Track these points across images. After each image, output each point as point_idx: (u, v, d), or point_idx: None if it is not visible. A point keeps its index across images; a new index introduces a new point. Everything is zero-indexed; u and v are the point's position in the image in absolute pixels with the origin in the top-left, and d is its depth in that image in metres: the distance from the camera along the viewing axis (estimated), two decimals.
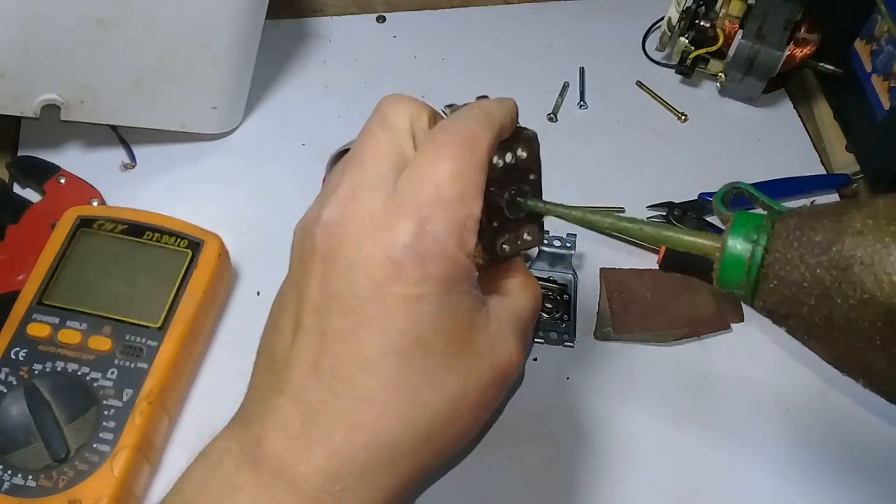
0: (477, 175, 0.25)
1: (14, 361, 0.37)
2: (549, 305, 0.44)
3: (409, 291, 0.23)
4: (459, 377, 0.24)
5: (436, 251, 0.23)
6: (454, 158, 0.24)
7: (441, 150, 0.24)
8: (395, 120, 0.26)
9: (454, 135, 0.25)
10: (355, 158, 0.25)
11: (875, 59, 0.50)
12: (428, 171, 0.24)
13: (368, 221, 0.23)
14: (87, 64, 0.43)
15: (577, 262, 0.46)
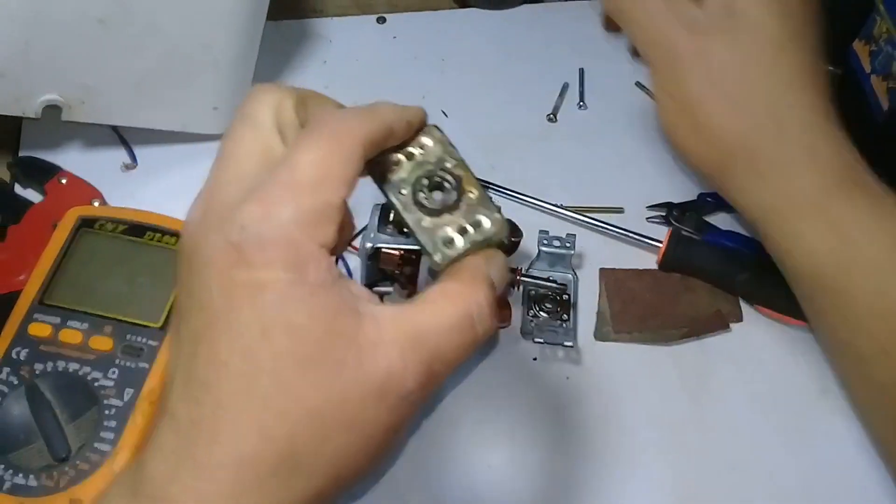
0: (341, 165, 0.23)
1: (15, 361, 0.37)
2: (548, 305, 0.44)
3: (250, 276, 0.21)
4: (318, 387, 0.21)
5: (278, 235, 0.22)
6: (316, 147, 0.23)
7: (304, 140, 0.23)
8: (256, 115, 0.24)
9: (322, 125, 0.24)
10: (218, 158, 0.24)
11: (874, 60, 0.50)
12: (287, 159, 0.23)
13: (221, 213, 0.22)
14: (89, 64, 0.43)
15: (577, 262, 0.46)
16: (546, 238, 0.44)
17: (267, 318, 0.21)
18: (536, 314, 0.43)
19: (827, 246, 0.33)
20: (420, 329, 0.23)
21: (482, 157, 0.51)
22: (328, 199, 0.23)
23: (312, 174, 0.23)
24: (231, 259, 0.22)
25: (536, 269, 0.45)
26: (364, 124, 0.25)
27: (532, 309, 0.44)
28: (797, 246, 0.34)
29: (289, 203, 0.22)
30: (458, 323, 0.23)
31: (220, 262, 0.22)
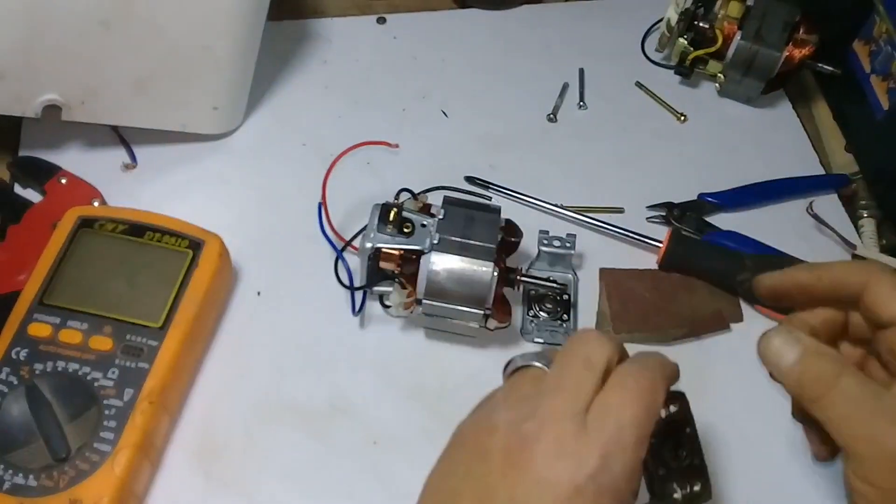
0: (650, 423, 0.27)
1: (15, 361, 0.37)
2: (548, 305, 0.44)
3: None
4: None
5: (611, 486, 0.26)
6: (636, 405, 0.27)
7: (627, 395, 0.27)
8: (598, 362, 0.28)
9: (639, 382, 0.28)
10: (558, 387, 0.28)
11: (874, 60, 0.50)
12: (614, 411, 0.27)
13: (560, 445, 0.26)
14: (89, 65, 0.43)
15: (577, 262, 0.46)
16: (546, 238, 0.44)
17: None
18: (536, 314, 0.43)
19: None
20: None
21: (482, 156, 0.51)
22: (641, 455, 0.27)
23: (635, 434, 0.27)
24: (571, 495, 0.26)
25: (536, 269, 0.45)
26: (662, 383, 0.29)
27: (532, 309, 0.44)
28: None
29: (620, 460, 0.26)
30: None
31: (562, 493, 0.26)
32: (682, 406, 0.31)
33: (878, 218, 0.50)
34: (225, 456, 0.39)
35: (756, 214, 0.50)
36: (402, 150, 0.51)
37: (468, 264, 0.39)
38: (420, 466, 0.39)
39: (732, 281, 0.44)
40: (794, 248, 0.47)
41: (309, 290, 0.44)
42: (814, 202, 0.49)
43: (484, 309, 0.39)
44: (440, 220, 0.40)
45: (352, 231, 0.45)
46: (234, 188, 0.49)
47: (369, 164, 0.50)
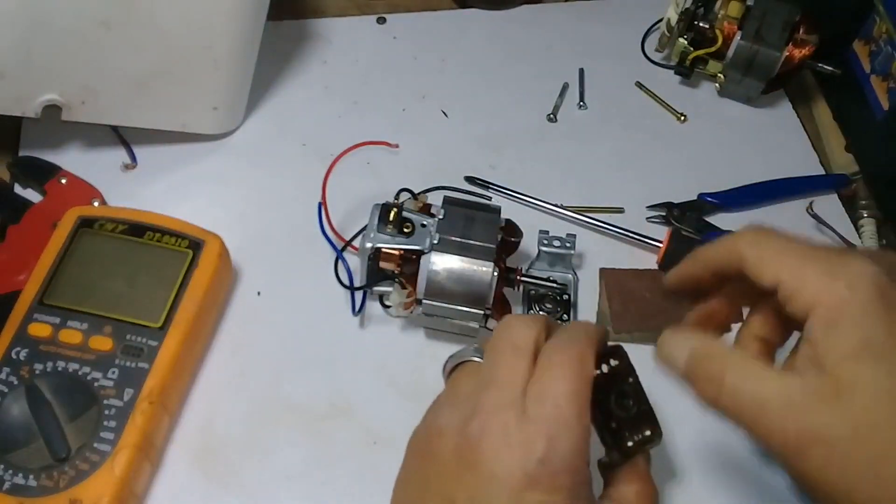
0: (587, 390, 0.27)
1: (15, 361, 0.37)
2: (548, 305, 0.44)
3: (541, 498, 0.26)
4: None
5: (563, 465, 0.26)
6: (568, 380, 0.27)
7: (557, 371, 0.27)
8: (525, 345, 0.28)
9: (566, 355, 0.28)
10: (492, 379, 0.28)
11: (874, 60, 0.50)
12: (549, 391, 0.27)
13: (505, 437, 0.26)
14: (89, 65, 0.43)
15: (577, 262, 0.46)
16: (546, 238, 0.44)
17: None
18: (536, 314, 0.43)
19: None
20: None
21: (482, 156, 0.51)
22: (586, 423, 0.27)
23: (574, 408, 0.27)
24: (524, 484, 0.26)
25: (536, 269, 0.45)
26: (590, 349, 0.29)
27: (532, 309, 0.44)
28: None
29: (566, 438, 0.26)
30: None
31: (515, 483, 0.26)
32: (621, 358, 0.31)
33: (879, 218, 0.50)
34: (225, 456, 0.39)
35: (756, 214, 0.50)
36: (402, 150, 0.51)
37: (468, 264, 0.39)
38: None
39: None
40: None
41: (309, 290, 0.44)
42: (814, 202, 0.49)
43: (484, 309, 0.39)
44: (440, 220, 0.40)
45: (352, 231, 0.45)
46: (234, 188, 0.49)
47: (369, 164, 0.50)
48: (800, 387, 0.25)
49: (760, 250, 0.27)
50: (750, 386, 0.26)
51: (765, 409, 0.26)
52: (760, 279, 0.27)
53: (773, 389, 0.26)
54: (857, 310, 0.25)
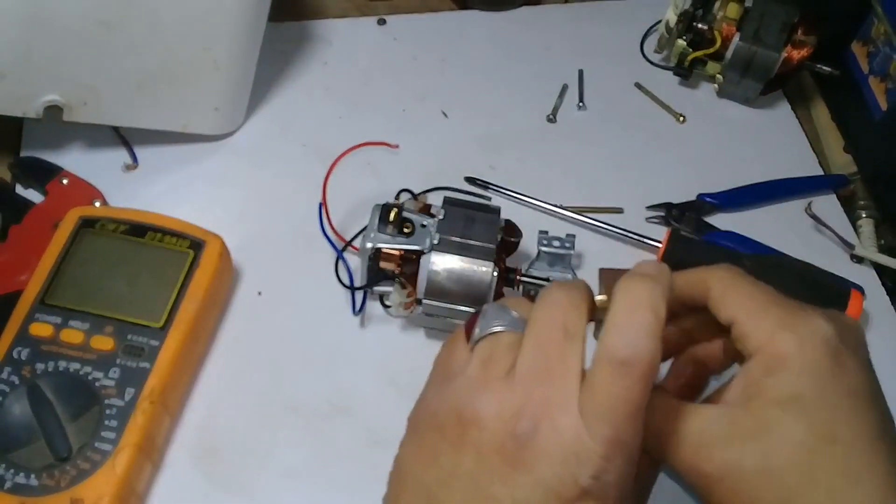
0: (646, 399, 0.24)
1: (17, 361, 0.37)
2: None
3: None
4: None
5: (617, 482, 0.24)
6: (632, 399, 0.24)
7: (620, 383, 0.24)
8: (576, 330, 0.25)
9: (635, 367, 0.24)
10: (546, 372, 0.25)
11: (872, 61, 0.50)
12: (609, 403, 0.24)
13: (560, 444, 0.24)
14: (90, 65, 0.43)
15: (576, 262, 0.46)
16: (546, 238, 0.44)
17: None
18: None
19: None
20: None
21: (482, 157, 0.51)
22: (640, 438, 0.25)
23: (633, 430, 0.24)
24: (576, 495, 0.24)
25: (536, 270, 0.45)
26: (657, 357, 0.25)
27: None
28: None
29: (620, 459, 0.24)
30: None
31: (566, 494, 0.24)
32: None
33: (877, 218, 0.50)
34: (226, 455, 0.39)
35: (755, 215, 0.50)
36: (402, 150, 0.51)
37: (468, 264, 0.39)
38: None
39: None
40: (793, 248, 0.47)
41: (309, 290, 0.44)
42: (812, 203, 0.49)
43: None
44: (440, 220, 0.40)
45: (352, 231, 0.45)
46: (234, 189, 0.49)
47: (369, 164, 0.50)
48: (723, 417, 0.26)
49: (726, 288, 0.28)
50: (670, 420, 0.26)
51: (684, 441, 0.26)
52: (718, 313, 0.28)
53: (693, 422, 0.26)
54: (799, 365, 0.25)
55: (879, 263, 0.47)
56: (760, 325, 0.26)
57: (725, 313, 0.27)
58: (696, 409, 0.26)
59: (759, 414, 0.25)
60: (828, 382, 0.25)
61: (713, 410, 0.26)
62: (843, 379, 0.25)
